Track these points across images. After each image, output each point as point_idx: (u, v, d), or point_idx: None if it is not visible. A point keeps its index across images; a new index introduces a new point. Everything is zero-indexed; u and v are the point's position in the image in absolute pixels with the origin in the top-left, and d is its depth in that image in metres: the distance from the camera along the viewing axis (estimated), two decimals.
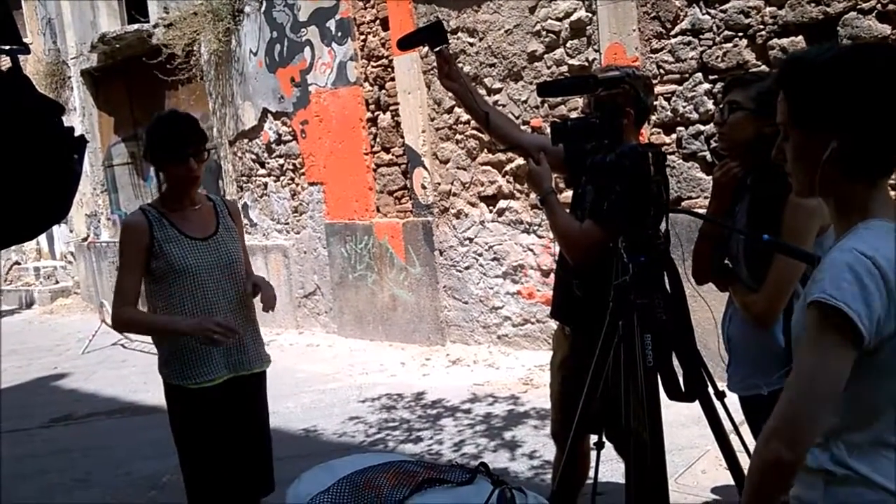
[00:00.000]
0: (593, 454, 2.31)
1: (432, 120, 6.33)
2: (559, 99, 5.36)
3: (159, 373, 2.68)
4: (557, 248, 2.73)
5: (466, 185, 6.18)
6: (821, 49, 1.40)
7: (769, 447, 1.30)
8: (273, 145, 7.83)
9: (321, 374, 6.26)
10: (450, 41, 2.95)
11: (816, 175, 1.36)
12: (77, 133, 1.50)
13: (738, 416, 2.36)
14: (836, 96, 1.32)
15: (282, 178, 7.84)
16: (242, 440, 2.72)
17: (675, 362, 2.27)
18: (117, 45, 9.33)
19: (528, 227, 5.85)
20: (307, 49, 7.17)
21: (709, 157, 4.73)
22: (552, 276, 3.16)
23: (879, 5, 4.06)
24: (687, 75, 4.79)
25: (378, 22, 6.56)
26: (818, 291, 1.28)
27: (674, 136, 4.90)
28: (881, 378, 1.31)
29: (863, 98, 1.31)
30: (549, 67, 5.51)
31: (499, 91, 5.80)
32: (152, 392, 2.48)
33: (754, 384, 2.23)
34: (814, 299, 1.28)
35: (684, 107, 4.81)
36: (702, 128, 4.76)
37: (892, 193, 1.45)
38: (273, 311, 2.73)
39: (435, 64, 3.80)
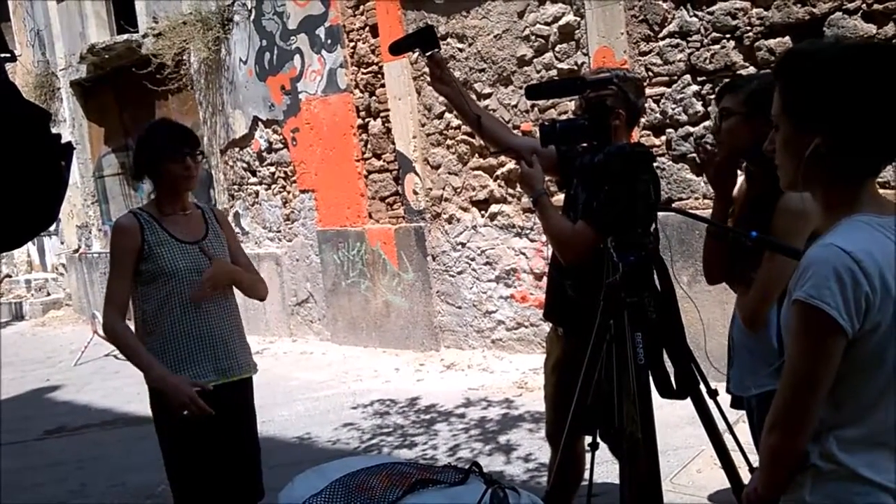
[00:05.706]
0: (588, 455, 2.30)
1: (423, 125, 6.34)
2: (549, 102, 5.38)
3: (144, 378, 2.65)
4: (550, 251, 2.73)
5: (458, 190, 6.19)
6: (821, 43, 1.40)
7: (771, 438, 1.37)
8: (264, 153, 7.82)
9: (315, 381, 6.25)
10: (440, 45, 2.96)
11: (800, 169, 1.37)
12: (64, 141, 1.49)
13: (732, 414, 2.37)
14: (825, 93, 1.33)
15: (273, 187, 7.83)
16: (231, 446, 2.71)
17: (668, 362, 2.27)
18: (106, 56, 9.31)
19: (520, 230, 5.85)
20: (297, 57, 7.17)
21: (698, 158, 4.75)
22: (545, 279, 3.16)
23: (864, 5, 4.09)
24: (675, 77, 4.81)
25: (367, 29, 6.57)
26: (798, 290, 1.31)
27: (663, 137, 4.92)
28: (868, 371, 1.33)
29: (850, 98, 1.30)
30: (538, 72, 5.52)
31: (489, 96, 5.81)
32: (145, 403, 2.47)
33: (747, 385, 2.25)
34: (795, 298, 1.32)
35: (673, 109, 4.83)
36: (691, 129, 4.78)
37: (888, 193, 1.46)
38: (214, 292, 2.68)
39: (425, 69, 3.81)
